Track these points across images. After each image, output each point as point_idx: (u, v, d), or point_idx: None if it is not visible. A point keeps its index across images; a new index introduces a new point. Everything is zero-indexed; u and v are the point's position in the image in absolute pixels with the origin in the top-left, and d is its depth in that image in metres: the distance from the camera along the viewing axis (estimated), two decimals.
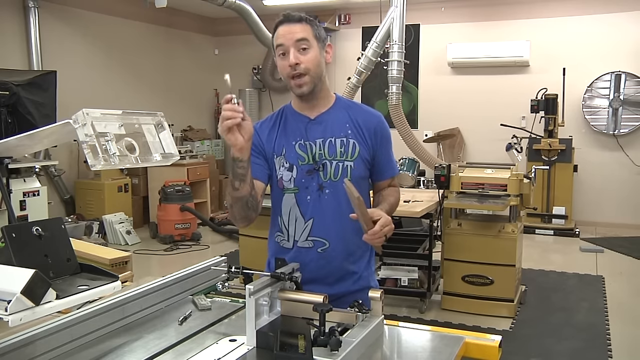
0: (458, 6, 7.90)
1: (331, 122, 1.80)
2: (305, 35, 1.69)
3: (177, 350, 1.45)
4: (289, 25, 1.70)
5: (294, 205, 1.79)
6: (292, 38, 1.69)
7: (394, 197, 1.88)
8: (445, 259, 4.43)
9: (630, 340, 3.94)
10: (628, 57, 7.16)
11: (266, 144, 1.82)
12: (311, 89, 1.74)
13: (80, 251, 2.32)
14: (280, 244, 1.83)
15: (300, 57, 1.69)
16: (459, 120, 8.01)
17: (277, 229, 1.84)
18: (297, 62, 1.68)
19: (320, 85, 1.77)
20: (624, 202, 7.33)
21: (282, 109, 1.87)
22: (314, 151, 1.77)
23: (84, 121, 1.57)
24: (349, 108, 1.84)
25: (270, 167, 1.81)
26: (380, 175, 1.87)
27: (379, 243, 1.64)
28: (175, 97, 8.51)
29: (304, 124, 1.80)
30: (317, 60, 1.72)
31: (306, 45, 1.69)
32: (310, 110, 1.81)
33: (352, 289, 1.79)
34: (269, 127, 1.84)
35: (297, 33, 1.69)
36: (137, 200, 7.30)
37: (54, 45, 6.60)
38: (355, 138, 1.78)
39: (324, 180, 1.76)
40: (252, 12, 7.40)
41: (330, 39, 1.83)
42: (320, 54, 1.73)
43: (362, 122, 1.80)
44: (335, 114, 1.81)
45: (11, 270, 1.41)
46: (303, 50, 1.69)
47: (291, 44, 1.69)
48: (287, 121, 1.83)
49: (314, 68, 1.71)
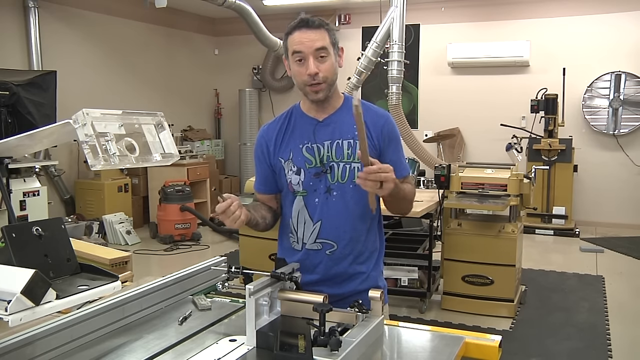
0: (458, 6, 7.90)
1: (340, 123, 1.79)
2: (324, 43, 1.68)
3: (177, 350, 1.45)
4: (307, 32, 1.68)
5: (302, 208, 1.80)
6: (312, 46, 1.67)
7: (407, 188, 1.82)
8: (445, 259, 4.43)
9: (630, 340, 3.94)
10: (628, 57, 7.16)
11: (272, 150, 1.83)
12: (327, 95, 1.75)
13: (80, 251, 2.32)
14: (291, 245, 1.85)
15: (319, 66, 1.68)
16: (459, 120, 8.01)
17: (288, 230, 1.85)
18: (316, 71, 1.68)
19: (333, 90, 1.77)
20: (624, 202, 7.33)
21: (290, 110, 1.86)
22: (322, 153, 1.77)
23: (84, 121, 1.57)
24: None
25: (279, 173, 1.83)
26: None
27: (371, 187, 1.53)
28: (175, 97, 8.52)
29: (313, 126, 1.80)
30: (334, 68, 1.72)
31: (325, 54, 1.69)
32: (319, 112, 1.80)
33: (360, 288, 1.79)
34: (276, 130, 1.84)
35: (316, 41, 1.67)
36: (137, 200, 7.30)
37: (54, 45, 6.60)
38: None
39: (331, 182, 1.76)
40: (252, 12, 7.41)
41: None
42: (335, 60, 1.73)
43: (370, 122, 1.77)
44: (344, 115, 1.80)
45: (11, 270, 1.41)
46: (321, 59, 1.69)
47: (311, 52, 1.67)
48: (295, 124, 1.83)
49: (331, 76, 1.72)
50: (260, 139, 1.87)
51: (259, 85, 9.11)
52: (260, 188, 1.90)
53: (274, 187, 1.87)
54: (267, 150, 1.84)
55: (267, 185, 1.87)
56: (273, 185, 1.87)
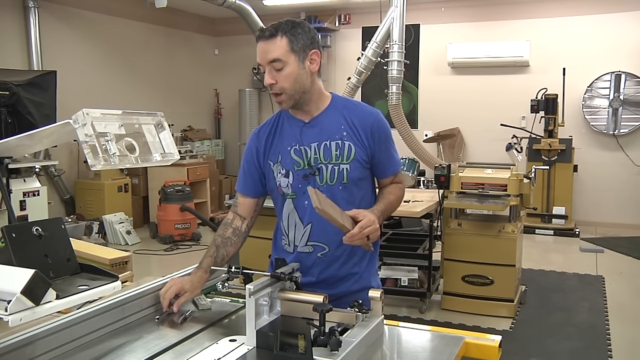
0: (458, 6, 7.90)
1: (327, 124, 1.77)
2: (278, 54, 1.65)
3: (177, 350, 1.45)
4: (263, 43, 1.67)
5: (292, 211, 1.79)
6: (265, 58, 1.66)
7: (394, 195, 1.84)
8: (445, 259, 4.43)
9: (630, 340, 3.94)
10: (628, 57, 7.16)
11: (262, 153, 1.82)
12: (290, 105, 1.73)
13: (80, 251, 2.32)
14: (284, 247, 1.84)
15: (275, 76, 1.67)
16: (459, 120, 8.01)
17: (280, 232, 1.85)
18: (272, 82, 1.67)
19: (306, 96, 1.73)
20: (624, 202, 7.33)
21: (279, 112, 1.85)
22: (309, 155, 1.75)
23: (84, 121, 1.57)
24: (345, 108, 1.79)
25: (268, 176, 1.82)
26: (382, 173, 1.84)
27: (361, 244, 1.62)
28: (175, 97, 8.52)
29: (299, 127, 1.78)
30: (294, 77, 1.67)
31: (280, 65, 1.65)
32: (304, 114, 1.79)
33: (353, 289, 1.78)
34: (266, 133, 1.83)
35: (270, 52, 1.65)
36: (137, 200, 7.30)
37: (54, 45, 6.60)
38: (351, 139, 1.74)
39: (320, 184, 1.74)
40: (252, 12, 7.40)
41: (330, 39, 1.82)
42: (299, 66, 1.68)
43: (358, 122, 1.76)
44: (330, 115, 1.78)
45: (11, 270, 1.41)
46: (277, 71, 1.66)
47: (265, 63, 1.67)
48: (283, 126, 1.82)
49: (290, 85, 1.68)
50: (250, 142, 1.86)
51: (259, 85, 9.10)
52: (244, 190, 1.87)
53: (259, 190, 1.86)
54: (257, 153, 1.83)
55: (251, 189, 1.86)
56: (258, 189, 1.85)
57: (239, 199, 1.88)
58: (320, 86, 1.79)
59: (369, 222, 1.59)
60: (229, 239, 1.84)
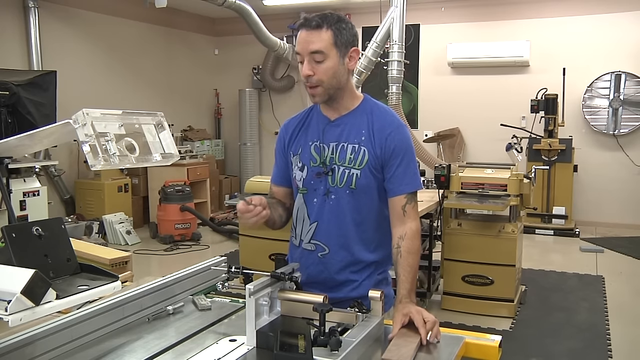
0: (458, 6, 7.90)
1: (349, 125, 1.74)
2: (321, 46, 1.61)
3: (177, 350, 1.45)
4: (306, 33, 1.63)
5: (302, 206, 1.79)
6: (307, 48, 1.62)
7: (412, 256, 1.68)
8: (445, 259, 4.43)
9: (630, 340, 3.94)
10: (628, 57, 7.16)
11: (287, 144, 1.84)
12: (324, 99, 1.71)
13: (80, 251, 2.32)
14: (293, 240, 1.86)
15: (314, 68, 1.63)
16: (459, 120, 8.01)
17: (293, 225, 1.86)
18: (310, 73, 1.64)
19: (339, 93, 1.71)
20: (624, 202, 7.33)
21: (312, 107, 1.85)
22: (326, 154, 1.74)
23: (84, 121, 1.57)
24: (372, 112, 1.75)
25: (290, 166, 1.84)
26: (391, 190, 1.73)
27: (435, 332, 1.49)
28: (175, 97, 8.51)
29: (324, 125, 1.77)
30: (333, 71, 1.64)
31: (321, 57, 1.62)
32: (332, 112, 1.77)
33: (350, 295, 1.72)
34: (294, 125, 1.84)
35: (312, 44, 1.61)
36: (137, 200, 7.30)
37: (54, 45, 6.60)
38: (367, 146, 1.71)
39: (331, 185, 1.74)
40: (252, 12, 7.40)
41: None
42: (339, 62, 1.65)
43: (377, 129, 1.71)
44: (356, 117, 1.75)
45: (11, 270, 1.41)
46: (317, 62, 1.63)
47: (305, 54, 1.63)
48: (311, 121, 1.82)
49: (328, 79, 1.65)
50: (281, 132, 1.88)
51: (259, 85, 9.10)
52: (277, 181, 1.89)
53: (289, 179, 1.86)
54: (284, 144, 1.85)
55: (284, 179, 1.87)
56: (287, 177, 1.86)
57: (273, 189, 1.91)
58: (352, 85, 1.78)
59: (431, 324, 1.48)
60: (278, 203, 1.86)
